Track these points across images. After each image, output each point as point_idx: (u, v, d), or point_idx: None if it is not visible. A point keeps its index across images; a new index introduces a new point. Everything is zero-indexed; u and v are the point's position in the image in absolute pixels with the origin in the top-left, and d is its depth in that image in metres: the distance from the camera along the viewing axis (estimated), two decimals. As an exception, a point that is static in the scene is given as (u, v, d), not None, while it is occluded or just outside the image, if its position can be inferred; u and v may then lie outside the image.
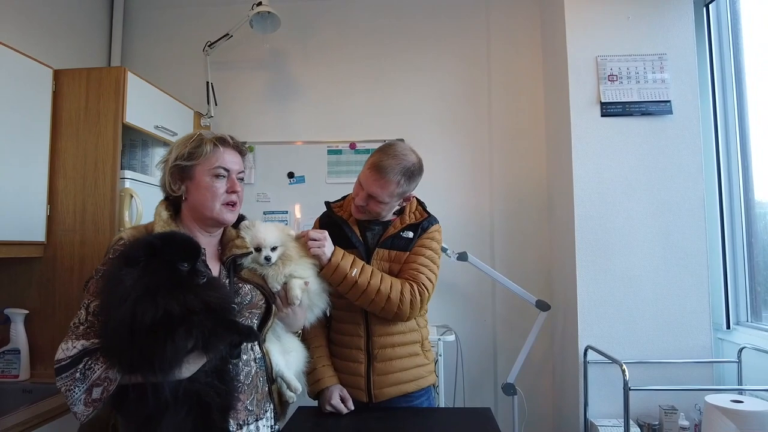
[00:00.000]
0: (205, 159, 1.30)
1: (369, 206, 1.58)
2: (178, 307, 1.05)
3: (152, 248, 1.08)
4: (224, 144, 1.33)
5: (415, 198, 1.79)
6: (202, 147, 1.30)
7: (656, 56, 2.17)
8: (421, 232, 1.65)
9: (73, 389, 1.07)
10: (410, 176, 1.59)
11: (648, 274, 2.12)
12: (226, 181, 1.32)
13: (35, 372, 1.89)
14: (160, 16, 2.85)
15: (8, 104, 1.77)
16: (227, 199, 1.32)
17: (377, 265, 1.60)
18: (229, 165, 1.32)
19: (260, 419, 1.33)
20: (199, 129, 2.70)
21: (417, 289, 1.55)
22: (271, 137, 2.76)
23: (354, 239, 1.62)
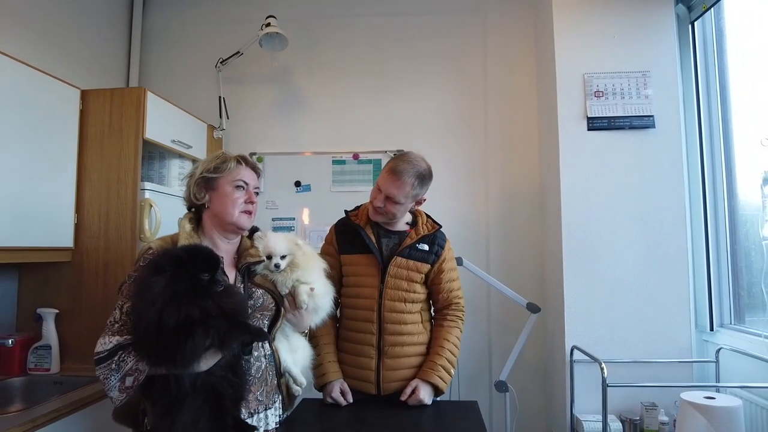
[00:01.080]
0: (228, 172, 1.49)
1: (386, 207, 1.77)
2: (198, 311, 1.21)
3: (178, 260, 1.25)
4: (245, 162, 1.54)
5: (424, 213, 1.97)
6: (226, 163, 1.50)
7: (640, 73, 2.31)
8: (438, 249, 1.84)
9: (109, 377, 1.24)
10: (422, 179, 1.79)
11: (632, 279, 2.26)
12: (244, 193, 1.50)
13: (65, 366, 2.07)
14: (175, 35, 3.04)
15: (41, 122, 1.95)
16: (245, 208, 1.51)
17: (394, 271, 1.78)
18: (248, 180, 1.53)
19: (269, 409, 1.51)
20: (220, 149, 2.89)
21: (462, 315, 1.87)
22: (280, 148, 2.93)
23: (371, 246, 1.80)
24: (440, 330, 1.82)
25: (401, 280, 1.78)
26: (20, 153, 1.88)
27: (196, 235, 1.49)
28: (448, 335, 1.80)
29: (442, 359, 1.74)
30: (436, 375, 1.71)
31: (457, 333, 1.82)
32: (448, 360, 1.76)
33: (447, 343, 1.78)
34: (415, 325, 1.80)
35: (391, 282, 1.78)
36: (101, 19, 2.78)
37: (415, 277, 1.80)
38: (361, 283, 1.82)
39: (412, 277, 1.80)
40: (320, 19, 2.99)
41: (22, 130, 1.88)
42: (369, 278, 1.80)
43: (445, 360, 1.75)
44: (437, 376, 1.71)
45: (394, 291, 1.78)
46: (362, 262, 1.82)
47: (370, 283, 1.80)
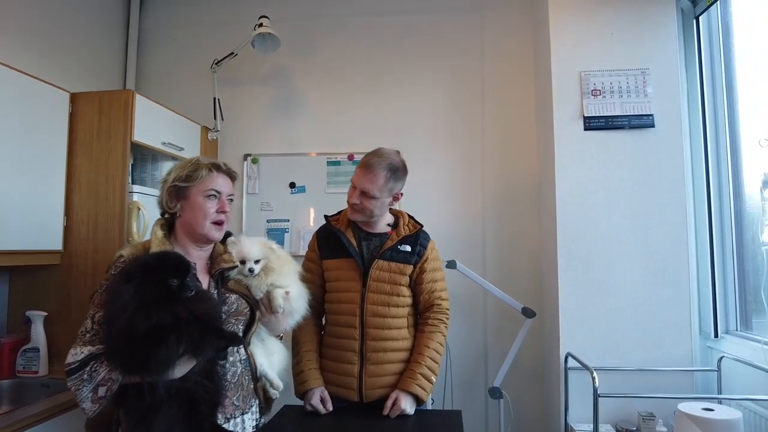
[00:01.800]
0: (200, 181, 1.46)
1: (362, 203, 1.74)
2: (168, 317, 1.19)
3: (147, 266, 1.23)
4: (218, 170, 1.49)
5: (406, 213, 1.93)
6: (198, 171, 1.46)
7: (639, 71, 2.23)
8: (421, 249, 1.80)
9: (81, 389, 1.23)
10: (395, 171, 1.76)
11: (629, 284, 2.19)
12: (216, 202, 1.47)
13: (53, 368, 2.07)
14: (171, 36, 3.04)
15: (30, 125, 1.96)
16: (216, 218, 1.47)
17: (376, 274, 1.74)
18: (221, 188, 1.49)
19: (246, 413, 1.48)
20: (215, 150, 2.91)
21: (446, 318, 1.82)
22: (275, 150, 2.92)
23: (351, 249, 1.77)
24: (421, 336, 1.77)
25: (384, 284, 1.75)
26: (9, 157, 1.89)
27: (168, 242, 1.47)
28: (428, 341, 1.75)
29: (421, 367, 1.70)
30: (415, 384, 1.67)
31: (438, 338, 1.77)
32: (428, 368, 1.71)
33: (427, 350, 1.73)
34: (400, 330, 1.76)
35: (374, 286, 1.74)
36: (98, 22, 2.79)
37: (398, 279, 1.75)
38: (343, 288, 1.78)
39: (395, 279, 1.75)
40: (315, 19, 2.97)
41: (11, 134, 1.89)
42: (350, 283, 1.77)
43: (425, 368, 1.70)
44: (417, 385, 1.67)
45: (376, 295, 1.74)
46: (343, 266, 1.79)
47: (351, 287, 1.76)
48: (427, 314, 1.80)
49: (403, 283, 1.76)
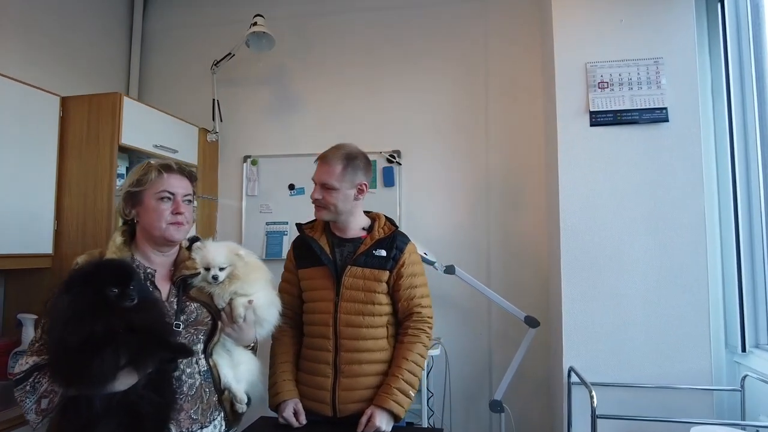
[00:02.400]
0: (151, 184, 1.40)
1: (324, 198, 1.68)
2: (102, 328, 1.14)
3: (84, 275, 1.19)
4: (168, 170, 1.43)
5: (383, 215, 1.83)
6: (148, 174, 1.41)
7: (651, 60, 2.04)
8: (397, 253, 1.69)
9: (25, 400, 1.20)
10: (351, 159, 1.70)
11: (640, 293, 2.00)
12: (171, 204, 1.41)
13: (43, 372, 2.08)
14: (173, 38, 3.05)
15: (21, 130, 1.98)
16: (172, 219, 1.41)
17: (349, 282, 1.65)
18: (174, 189, 1.42)
19: (205, 427, 1.42)
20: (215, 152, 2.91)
21: (427, 327, 1.70)
22: (274, 150, 2.87)
23: (324, 258, 1.69)
24: (399, 347, 1.66)
25: (358, 291, 1.64)
26: (4, 162, 1.91)
27: (126, 249, 1.42)
28: (407, 353, 1.64)
29: (398, 382, 1.59)
30: (391, 400, 1.56)
31: (418, 349, 1.65)
32: (406, 381, 1.60)
33: (405, 362, 1.62)
34: (376, 341, 1.65)
35: (347, 294, 1.65)
36: (102, 26, 2.83)
37: (374, 286, 1.65)
38: (317, 297, 1.70)
39: (370, 287, 1.65)
40: (313, 17, 2.90)
41: (2, 139, 1.91)
42: (324, 292, 1.68)
43: (403, 382, 1.59)
44: (392, 401, 1.56)
45: (350, 304, 1.64)
46: (316, 275, 1.70)
47: (324, 296, 1.67)
48: (407, 323, 1.69)
49: (379, 290, 1.66)
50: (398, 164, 2.71)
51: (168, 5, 3.10)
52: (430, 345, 1.73)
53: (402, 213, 2.71)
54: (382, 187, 2.72)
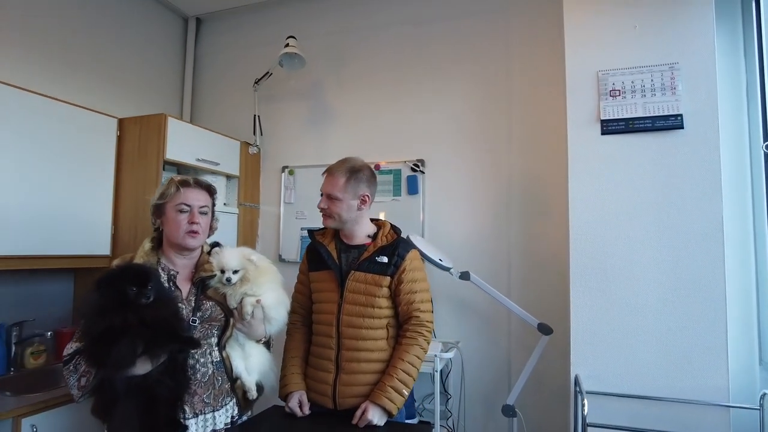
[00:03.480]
0: (171, 198, 1.63)
1: (329, 207, 1.83)
2: (119, 321, 1.36)
3: (109, 276, 1.42)
4: (185, 185, 1.65)
5: (389, 224, 1.95)
6: (169, 189, 1.64)
7: (666, 66, 2.00)
8: (398, 260, 1.81)
9: (69, 377, 1.45)
10: (355, 172, 1.82)
11: (653, 304, 1.96)
12: (188, 215, 1.63)
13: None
14: (220, 59, 3.37)
15: (84, 148, 2.31)
16: (188, 229, 1.63)
17: (352, 285, 1.79)
18: (191, 201, 1.64)
19: (217, 410, 1.62)
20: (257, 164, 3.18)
21: (425, 332, 1.79)
22: (309, 161, 3.07)
23: (330, 262, 1.84)
24: (398, 348, 1.77)
25: (359, 295, 1.78)
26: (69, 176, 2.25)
27: (153, 253, 1.65)
28: (404, 354, 1.74)
29: (392, 380, 1.70)
30: (384, 397, 1.67)
31: (415, 351, 1.75)
32: (400, 380, 1.70)
33: (401, 362, 1.73)
34: (375, 342, 1.77)
35: (349, 297, 1.78)
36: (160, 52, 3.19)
37: (374, 291, 1.77)
38: (323, 298, 1.85)
39: (371, 291, 1.77)
40: (346, 33, 3.07)
41: (70, 157, 2.25)
42: (329, 294, 1.83)
43: (397, 381, 1.70)
44: (385, 398, 1.67)
45: (351, 306, 1.78)
46: (324, 278, 1.85)
47: (330, 298, 1.82)
48: (406, 326, 1.80)
49: (380, 294, 1.78)
50: (422, 173, 2.81)
51: (217, 30, 3.41)
52: (428, 347, 1.81)
53: (425, 220, 2.80)
54: (407, 194, 2.83)
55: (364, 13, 3.05)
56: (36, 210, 2.11)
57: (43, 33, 2.49)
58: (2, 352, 2.16)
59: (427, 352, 1.81)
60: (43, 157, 2.14)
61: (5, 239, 2.01)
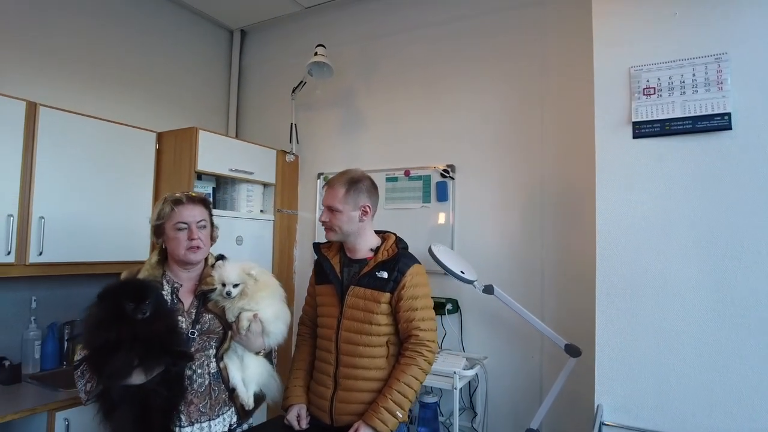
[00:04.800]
0: (167, 218, 1.69)
1: (330, 220, 1.82)
2: (114, 335, 1.44)
3: (109, 291, 1.50)
4: (178, 204, 1.70)
5: (393, 235, 1.90)
6: (163, 209, 1.70)
7: (712, 57, 1.73)
8: (398, 276, 1.76)
9: (78, 382, 1.57)
10: (354, 183, 1.82)
11: (690, 329, 1.72)
12: (186, 232, 1.68)
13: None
14: (262, 70, 3.47)
15: (126, 160, 2.49)
16: (189, 245, 1.69)
17: (351, 301, 1.77)
18: (187, 219, 1.69)
19: (213, 419, 1.67)
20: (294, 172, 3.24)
21: (426, 351, 1.72)
22: (341, 167, 2.99)
23: (332, 276, 1.83)
24: (396, 368, 1.72)
25: (357, 311, 1.74)
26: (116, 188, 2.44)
27: (159, 267, 1.73)
28: (401, 375, 1.68)
29: (387, 401, 1.65)
30: (376, 418, 1.63)
31: (413, 371, 1.68)
32: (395, 402, 1.65)
33: (397, 383, 1.67)
34: (372, 360, 1.73)
35: (348, 312, 1.76)
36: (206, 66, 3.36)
37: (373, 307, 1.73)
38: (324, 312, 1.84)
39: (369, 307, 1.73)
40: (378, 38, 3.03)
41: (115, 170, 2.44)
42: (330, 308, 1.81)
43: (391, 402, 1.64)
44: (378, 419, 1.62)
45: (350, 322, 1.75)
46: (326, 292, 1.84)
47: (330, 313, 1.81)
48: (405, 345, 1.74)
49: (379, 311, 1.73)
50: (451, 179, 2.70)
51: (260, 41, 3.52)
52: (429, 367, 1.73)
53: (455, 228, 2.69)
54: (436, 201, 2.73)
55: (394, 17, 2.98)
56: (83, 220, 2.32)
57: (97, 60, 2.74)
58: (55, 348, 2.40)
59: (427, 372, 1.74)
60: (92, 172, 2.34)
61: (58, 248, 2.22)
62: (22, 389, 2.13)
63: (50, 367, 2.38)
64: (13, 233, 2.05)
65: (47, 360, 2.38)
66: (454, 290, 2.60)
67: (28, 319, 2.37)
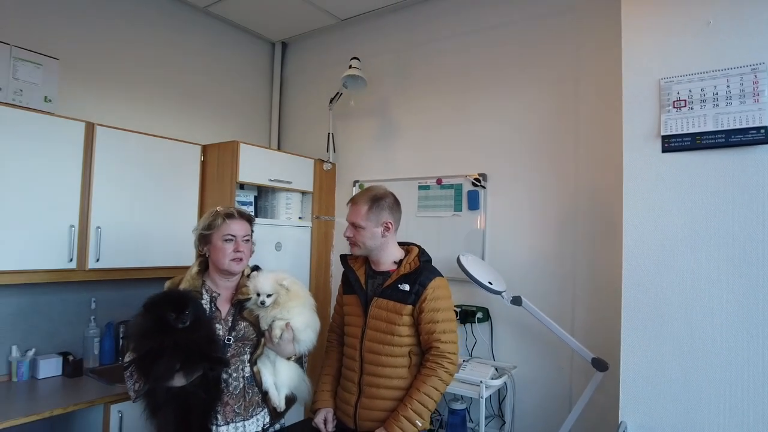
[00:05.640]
0: (217, 229, 1.82)
1: (354, 236, 1.90)
2: (157, 343, 1.58)
3: (153, 302, 1.65)
4: (231, 217, 1.83)
5: (417, 248, 1.95)
6: (215, 220, 1.83)
7: (748, 68, 1.67)
8: (419, 289, 1.82)
9: (127, 381, 1.73)
10: (376, 201, 1.88)
11: (719, 349, 1.67)
12: (233, 244, 1.81)
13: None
14: (303, 80, 3.59)
15: (173, 172, 2.68)
16: (233, 256, 1.81)
17: (374, 312, 1.85)
18: (235, 232, 1.82)
19: (247, 420, 1.79)
20: (332, 180, 3.35)
21: (446, 363, 1.76)
22: (376, 176, 3.15)
23: (357, 287, 1.92)
24: (417, 378, 1.78)
25: (380, 322, 1.82)
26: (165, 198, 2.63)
27: (198, 277, 1.86)
28: (421, 385, 1.74)
29: (407, 410, 1.71)
30: (396, 425, 1.69)
31: (433, 382, 1.74)
32: (414, 411, 1.71)
33: (417, 393, 1.73)
34: (394, 369, 1.80)
35: (371, 323, 1.83)
36: (249, 78, 3.53)
37: (395, 319, 1.80)
38: (350, 322, 1.92)
39: (391, 319, 1.80)
40: (411, 48, 3.08)
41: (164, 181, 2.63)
42: (355, 318, 1.89)
43: (411, 411, 1.71)
44: (397, 426, 1.69)
45: (373, 332, 1.82)
46: (352, 302, 1.92)
47: (355, 322, 1.89)
48: (427, 356, 1.80)
49: (401, 323, 1.79)
50: (483, 187, 2.72)
51: (299, 53, 3.65)
52: (450, 378, 1.78)
53: (486, 237, 2.70)
54: (467, 210, 2.76)
55: (427, 27, 3.02)
56: (135, 229, 2.52)
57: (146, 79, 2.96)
58: (112, 345, 2.63)
59: (448, 383, 1.78)
60: (143, 184, 2.54)
61: (113, 254, 2.43)
62: (83, 382, 2.35)
63: (108, 362, 2.61)
64: (74, 242, 2.27)
65: (105, 355, 2.61)
66: (485, 299, 2.62)
67: (88, 319, 2.61)
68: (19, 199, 2.13)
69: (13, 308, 2.40)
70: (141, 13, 2.93)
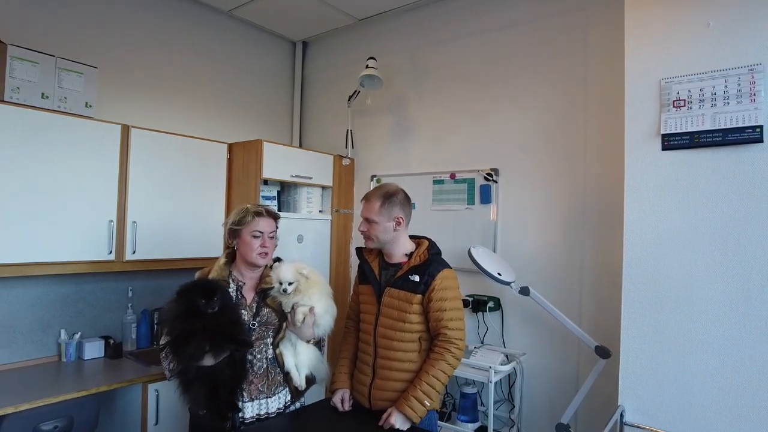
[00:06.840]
0: (247, 225, 1.98)
1: (368, 230, 2.03)
2: (189, 326, 1.76)
3: (185, 290, 1.83)
4: (259, 215, 1.99)
5: (427, 241, 2.08)
6: (246, 217, 1.99)
7: (745, 69, 1.73)
8: (428, 279, 1.95)
9: (163, 362, 1.91)
10: (389, 197, 2.00)
11: (714, 339, 1.76)
12: (260, 240, 1.97)
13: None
14: (321, 79, 3.74)
15: (201, 169, 2.86)
16: (260, 251, 1.98)
17: (387, 301, 2.00)
18: (263, 229, 1.98)
19: (270, 397, 1.97)
20: (350, 174, 3.49)
21: (453, 348, 1.90)
22: (393, 171, 3.28)
23: (371, 278, 2.06)
24: (426, 362, 1.91)
25: (392, 310, 1.96)
26: (194, 195, 2.82)
27: (226, 268, 2.03)
28: (429, 368, 1.88)
29: (416, 391, 1.85)
30: (406, 405, 1.84)
31: (441, 366, 1.87)
32: (423, 392, 1.85)
33: (426, 375, 1.87)
34: (405, 353, 1.94)
35: (384, 311, 1.97)
36: (271, 77, 3.69)
37: (405, 307, 1.93)
38: (365, 310, 2.07)
39: (402, 307, 1.94)
40: (426, 46, 3.18)
41: (193, 178, 2.81)
42: (369, 306, 2.04)
43: (420, 392, 1.85)
44: (408, 406, 1.84)
45: (385, 319, 1.97)
46: (367, 291, 2.07)
47: (370, 310, 2.04)
48: (435, 342, 1.93)
49: (411, 311, 1.93)
50: (494, 182, 2.82)
51: (320, 51, 3.79)
52: (457, 362, 1.91)
53: (498, 229, 2.81)
54: (479, 203, 2.87)
55: (442, 26, 3.11)
56: (168, 223, 2.71)
57: (176, 83, 3.15)
58: (147, 330, 2.85)
59: (455, 366, 1.91)
60: (174, 181, 2.73)
61: (147, 247, 2.63)
62: (123, 363, 2.57)
63: (144, 346, 2.84)
64: (113, 236, 2.48)
65: (141, 339, 2.83)
66: (496, 289, 2.74)
67: (126, 306, 2.84)
68: (66, 198, 2.34)
69: (61, 296, 2.63)
70: (170, 21, 3.11)
